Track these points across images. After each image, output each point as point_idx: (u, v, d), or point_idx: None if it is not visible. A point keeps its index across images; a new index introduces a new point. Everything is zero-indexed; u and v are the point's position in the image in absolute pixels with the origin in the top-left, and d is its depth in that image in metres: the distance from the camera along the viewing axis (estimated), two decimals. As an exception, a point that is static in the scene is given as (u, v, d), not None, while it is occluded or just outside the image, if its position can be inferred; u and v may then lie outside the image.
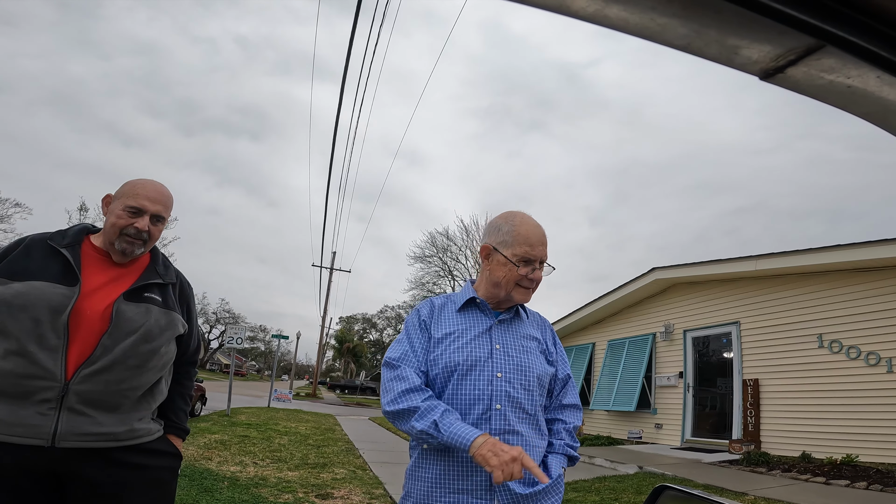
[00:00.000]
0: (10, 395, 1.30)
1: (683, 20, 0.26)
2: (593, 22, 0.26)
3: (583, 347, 12.88)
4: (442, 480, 1.31)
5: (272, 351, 60.85)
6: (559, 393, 1.52)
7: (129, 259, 1.54)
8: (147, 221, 1.51)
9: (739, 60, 0.29)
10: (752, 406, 7.84)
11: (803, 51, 0.27)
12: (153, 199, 1.52)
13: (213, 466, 5.31)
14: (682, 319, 9.85)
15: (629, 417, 10.60)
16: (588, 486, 5.77)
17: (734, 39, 0.28)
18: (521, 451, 1.20)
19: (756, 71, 0.30)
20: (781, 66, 0.29)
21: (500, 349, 1.41)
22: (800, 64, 0.28)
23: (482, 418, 1.33)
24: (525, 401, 1.38)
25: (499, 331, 1.45)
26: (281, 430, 9.14)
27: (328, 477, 5.48)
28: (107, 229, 1.50)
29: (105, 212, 1.53)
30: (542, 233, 1.49)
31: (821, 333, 7.13)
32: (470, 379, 1.36)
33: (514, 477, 1.17)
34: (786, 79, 0.30)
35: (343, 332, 52.69)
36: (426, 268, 38.59)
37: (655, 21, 0.26)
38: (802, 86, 0.30)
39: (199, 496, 4.05)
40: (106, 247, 1.51)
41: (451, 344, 1.41)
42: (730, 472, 6.56)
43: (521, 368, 1.40)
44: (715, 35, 0.27)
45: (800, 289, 7.58)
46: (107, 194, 1.55)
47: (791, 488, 5.49)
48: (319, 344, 33.79)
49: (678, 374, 9.68)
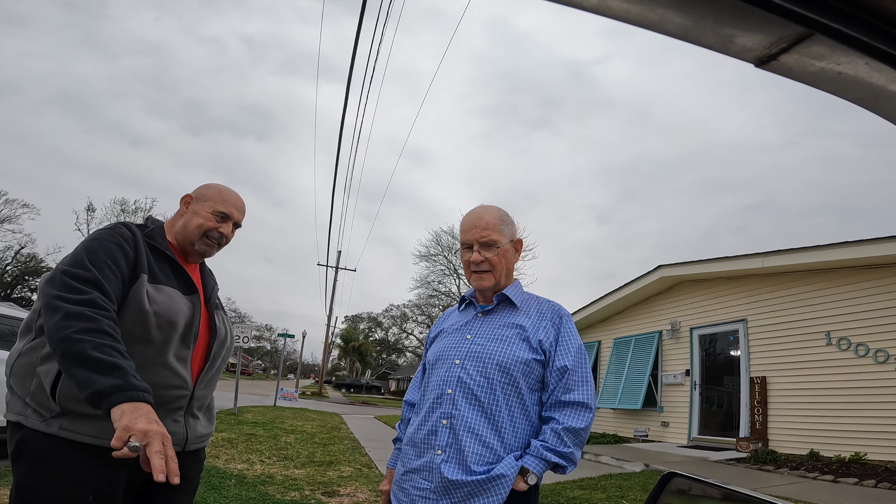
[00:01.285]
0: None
1: (680, 10, 0.27)
2: (596, 13, 0.28)
3: (588, 346, 12.85)
4: (404, 459, 1.48)
5: (278, 350, 61.16)
6: (556, 387, 1.41)
7: (199, 261, 1.60)
8: (231, 228, 1.58)
9: (735, 48, 0.30)
10: (760, 404, 7.80)
11: (794, 39, 0.28)
12: (240, 209, 1.60)
13: (221, 464, 5.35)
14: (689, 317, 9.82)
15: (635, 415, 10.58)
16: (594, 483, 5.77)
17: (728, 28, 0.29)
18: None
19: (751, 58, 0.31)
20: (774, 53, 0.30)
21: (469, 339, 1.47)
22: (791, 51, 0.29)
23: (437, 402, 1.42)
24: (479, 388, 1.38)
25: (477, 322, 1.51)
26: (287, 429, 9.19)
27: (334, 475, 5.52)
28: (190, 229, 1.51)
29: (183, 211, 1.55)
30: (475, 217, 1.52)
31: (829, 331, 7.08)
32: (436, 369, 1.48)
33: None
34: (779, 66, 0.31)
35: (348, 331, 52.85)
36: (432, 266, 38.63)
37: (655, 11, 0.27)
38: (796, 72, 0.31)
39: (206, 494, 4.08)
40: (182, 246, 1.52)
41: (437, 342, 1.57)
42: (737, 470, 6.54)
43: (480, 355, 1.41)
44: (711, 24, 0.28)
45: (808, 286, 7.54)
46: (186, 195, 1.57)
47: (799, 486, 5.47)
48: (325, 343, 33.92)
49: (685, 371, 9.65)
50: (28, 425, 1.20)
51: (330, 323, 32.37)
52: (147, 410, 1.07)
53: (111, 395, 1.06)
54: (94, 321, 1.13)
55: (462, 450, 1.35)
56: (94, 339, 1.11)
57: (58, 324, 1.12)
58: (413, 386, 1.67)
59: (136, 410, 1.05)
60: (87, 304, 1.16)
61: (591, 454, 8.00)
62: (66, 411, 1.20)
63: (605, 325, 12.38)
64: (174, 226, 1.54)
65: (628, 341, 11.30)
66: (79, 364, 1.08)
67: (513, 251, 1.54)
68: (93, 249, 1.28)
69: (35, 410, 1.21)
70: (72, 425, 1.20)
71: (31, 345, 1.27)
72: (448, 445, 1.36)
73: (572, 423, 1.36)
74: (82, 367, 1.08)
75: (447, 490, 1.33)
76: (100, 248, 1.29)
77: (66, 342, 1.09)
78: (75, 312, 1.13)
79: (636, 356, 10.85)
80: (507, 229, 1.52)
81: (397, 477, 1.49)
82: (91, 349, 1.09)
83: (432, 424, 1.40)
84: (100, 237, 1.33)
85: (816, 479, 5.79)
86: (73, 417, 1.20)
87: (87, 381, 1.07)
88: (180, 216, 1.55)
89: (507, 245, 1.51)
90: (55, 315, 1.13)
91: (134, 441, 1.00)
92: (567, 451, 1.34)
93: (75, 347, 1.09)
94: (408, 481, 1.42)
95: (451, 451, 1.36)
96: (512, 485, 1.31)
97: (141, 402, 1.08)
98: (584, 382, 1.41)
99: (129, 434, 1.01)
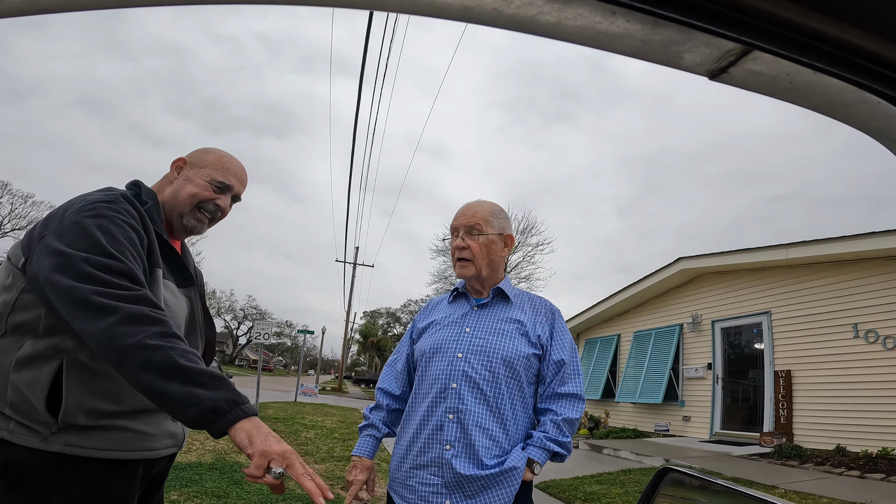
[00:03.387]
0: (154, 409, 1.14)
1: (629, 33, 0.29)
2: (555, 37, 0.30)
3: (608, 339, 12.75)
4: (405, 455, 1.46)
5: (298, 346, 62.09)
6: (552, 379, 1.46)
7: (185, 238, 1.36)
8: (229, 201, 1.34)
9: (686, 64, 0.32)
10: (785, 398, 7.66)
11: (738, 53, 0.30)
12: (241, 180, 1.35)
13: (243, 459, 5.48)
14: (711, 310, 9.66)
15: (656, 410, 10.48)
16: (612, 478, 5.75)
17: (676, 46, 0.30)
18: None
19: (703, 72, 0.32)
20: (724, 66, 0.31)
21: (469, 332, 1.48)
22: (739, 64, 0.31)
23: (439, 397, 1.42)
24: (485, 382, 1.40)
25: (474, 316, 1.52)
26: (308, 424, 9.34)
27: (354, 469, 5.59)
28: (182, 198, 1.25)
29: (173, 177, 1.29)
30: (467, 207, 1.57)
31: (856, 323, 6.91)
32: (434, 362, 1.47)
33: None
34: (731, 78, 0.32)
35: (367, 326, 53.31)
36: (448, 261, 38.61)
37: (605, 34, 0.29)
38: (749, 84, 0.33)
39: (229, 489, 4.19)
40: (168, 218, 1.27)
41: (429, 332, 1.55)
42: (760, 465, 6.44)
43: (485, 349, 1.43)
44: (658, 44, 0.30)
45: (834, 277, 7.35)
46: (179, 158, 1.31)
47: (824, 482, 5.37)
48: (344, 339, 34.30)
49: (706, 365, 9.52)
50: (20, 443, 0.99)
51: (349, 319, 32.71)
52: (267, 428, 0.92)
53: (229, 410, 0.90)
54: (162, 324, 0.94)
55: (471, 444, 1.37)
56: (175, 345, 0.93)
57: (117, 329, 0.90)
58: (390, 375, 1.62)
59: (260, 429, 0.91)
60: (142, 301, 0.96)
61: (609, 449, 7.96)
62: (67, 426, 1.01)
63: (625, 318, 12.26)
64: (161, 193, 1.27)
65: (648, 335, 11.17)
66: (171, 377, 0.89)
67: (500, 244, 1.54)
68: (108, 231, 1.03)
69: (23, 425, 0.99)
70: (79, 440, 1.02)
71: (1, 345, 1.03)
72: (457, 440, 1.38)
73: (569, 413, 1.43)
74: (176, 381, 0.89)
75: (460, 484, 1.35)
76: (116, 231, 1.04)
77: (144, 351, 0.89)
78: (136, 314, 0.92)
79: (656, 350, 10.73)
80: (496, 222, 1.53)
81: (399, 474, 1.47)
82: (179, 358, 0.91)
83: (438, 419, 1.41)
84: (106, 215, 1.05)
85: (842, 475, 5.67)
86: (77, 431, 1.02)
87: (190, 398, 0.88)
88: (168, 182, 1.29)
89: (494, 236, 1.51)
90: (108, 317, 0.90)
91: (276, 467, 0.88)
92: (566, 440, 1.42)
93: (158, 357, 0.89)
94: (413, 477, 1.42)
95: (461, 445, 1.37)
96: (522, 476, 1.36)
97: (255, 416, 0.93)
98: (577, 375, 1.48)
99: (269, 459, 0.88)
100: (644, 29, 0.29)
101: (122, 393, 1.07)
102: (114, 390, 1.06)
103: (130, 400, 1.08)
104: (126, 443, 1.08)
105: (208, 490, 4.01)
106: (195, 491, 3.93)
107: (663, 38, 0.30)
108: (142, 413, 1.11)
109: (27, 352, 1.01)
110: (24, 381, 1.00)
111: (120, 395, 1.07)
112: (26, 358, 1.01)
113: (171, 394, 0.89)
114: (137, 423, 1.10)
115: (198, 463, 4.89)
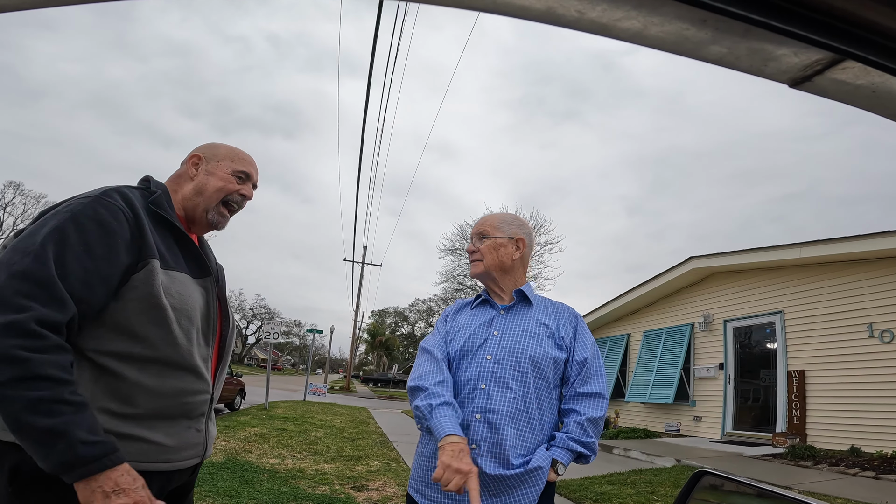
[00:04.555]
0: (174, 415, 1.11)
1: (715, 40, 0.28)
2: (634, 42, 0.29)
3: (617, 339, 12.69)
4: (433, 458, 1.39)
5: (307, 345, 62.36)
6: (575, 379, 1.48)
7: (205, 233, 1.34)
8: (252, 190, 1.34)
9: (769, 71, 0.31)
10: (798, 398, 7.58)
11: (828, 62, 0.29)
12: (256, 168, 1.36)
13: (254, 459, 5.51)
14: (722, 309, 9.59)
15: (666, 410, 10.41)
16: (623, 479, 5.72)
17: (763, 55, 0.30)
18: (472, 471, 1.20)
19: (785, 80, 0.32)
20: (809, 75, 0.31)
21: (497, 335, 1.50)
22: (826, 73, 0.30)
23: (468, 397, 1.44)
24: (514, 382, 1.42)
25: (501, 320, 1.55)
26: (317, 424, 9.38)
27: (363, 469, 5.62)
28: (208, 193, 1.25)
29: (193, 173, 1.27)
30: (482, 217, 1.68)
31: (871, 323, 6.82)
32: (464, 364, 1.49)
33: (447, 486, 1.19)
34: (813, 86, 0.32)
35: (375, 325, 53.44)
36: (457, 260, 38.58)
37: (690, 41, 0.28)
38: (830, 93, 0.32)
39: (240, 488, 4.21)
40: (190, 214, 1.26)
41: (457, 336, 1.56)
42: (773, 465, 6.38)
43: (514, 351, 1.45)
44: (745, 52, 0.30)
45: (848, 276, 7.27)
46: (194, 154, 1.30)
47: (839, 483, 5.31)
48: (352, 338, 34.39)
49: (718, 365, 9.45)
50: None
51: (357, 318, 32.80)
52: (110, 485, 0.89)
53: (72, 470, 0.88)
54: (24, 364, 0.87)
55: (497, 443, 1.38)
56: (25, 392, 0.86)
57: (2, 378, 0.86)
58: (437, 344, 1.54)
59: (95, 493, 0.89)
60: (15, 334, 0.87)
61: (620, 449, 7.92)
62: None
63: (635, 317, 12.19)
64: (180, 190, 1.25)
65: (659, 334, 11.10)
66: (15, 430, 0.88)
67: (511, 247, 1.60)
68: (69, 243, 0.97)
69: None
70: None
71: None
72: (483, 440, 1.39)
73: (592, 412, 1.44)
74: (19, 435, 0.88)
75: (485, 484, 1.35)
76: (90, 237, 0.99)
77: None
78: (19, 377, 0.86)
79: (667, 349, 10.66)
80: (506, 227, 1.62)
81: (427, 474, 1.45)
82: (21, 412, 0.86)
83: (465, 419, 1.42)
84: (78, 221, 1.00)
85: (857, 476, 5.60)
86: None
87: (36, 454, 0.88)
88: (189, 179, 1.27)
89: (503, 239, 1.59)
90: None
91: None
92: (590, 440, 1.42)
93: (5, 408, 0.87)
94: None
95: (486, 445, 1.38)
96: (547, 476, 1.37)
97: (99, 473, 0.89)
98: (600, 374, 1.50)
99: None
100: (733, 36, 0.28)
101: (134, 395, 1.03)
102: (124, 392, 1.02)
103: (144, 402, 1.04)
104: (141, 454, 1.03)
105: (220, 490, 4.03)
106: (207, 490, 3.96)
107: (752, 45, 0.29)
108: (160, 422, 1.07)
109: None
110: None
111: (131, 397, 1.03)
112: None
113: (23, 443, 0.88)
114: (155, 434, 1.06)
115: (209, 462, 4.92)
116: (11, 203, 34.52)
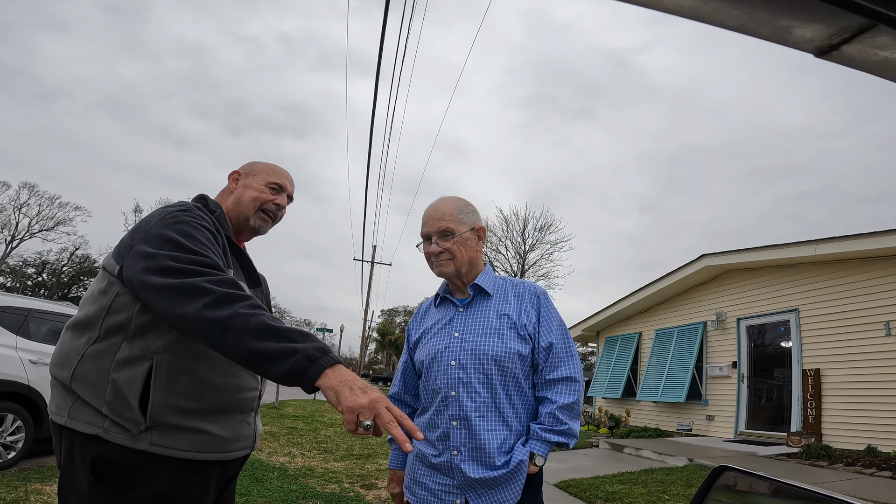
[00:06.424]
0: (230, 410, 1.22)
1: (736, 3, 0.27)
2: (649, 6, 0.28)
3: (628, 337, 12.60)
4: (419, 457, 1.50)
5: (318, 343, 62.25)
6: (544, 366, 1.46)
7: (250, 239, 1.51)
8: (286, 200, 1.50)
9: (793, 39, 0.29)
10: (813, 397, 7.47)
11: (857, 29, 0.27)
12: (291, 181, 1.53)
13: (264, 457, 5.55)
14: (735, 307, 9.47)
15: (678, 409, 10.31)
16: (634, 478, 5.68)
17: (786, 20, 0.28)
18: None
19: (811, 49, 0.30)
20: (836, 43, 0.29)
21: (458, 337, 1.47)
22: (854, 41, 0.28)
23: (443, 405, 1.45)
24: (481, 386, 1.41)
25: (460, 318, 1.51)
26: (326, 422, 9.43)
27: (372, 468, 5.63)
28: (245, 203, 1.42)
29: (233, 188, 1.45)
30: (433, 210, 1.55)
31: (888, 321, 6.69)
32: (432, 372, 1.48)
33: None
34: (840, 55, 0.30)
35: (385, 324, 53.59)
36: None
37: (709, 4, 0.27)
38: (858, 62, 0.30)
39: (250, 486, 4.24)
40: (235, 224, 1.43)
41: (423, 342, 1.57)
42: (787, 465, 6.29)
43: (475, 353, 1.43)
44: (767, 17, 0.28)
45: (864, 274, 7.13)
46: (234, 171, 1.49)
47: (855, 482, 5.22)
48: (362, 337, 34.52)
49: (731, 363, 9.33)
50: (112, 440, 1.08)
51: (367, 317, 32.91)
52: (353, 378, 0.96)
53: (320, 358, 0.96)
54: (250, 298, 1.03)
55: (477, 447, 1.41)
56: (264, 312, 1.01)
57: (212, 307, 0.98)
58: (398, 381, 1.68)
59: (345, 384, 0.94)
60: (229, 284, 1.04)
61: (631, 448, 7.86)
62: (155, 424, 1.09)
63: (647, 315, 12.08)
64: (224, 203, 1.43)
65: (671, 332, 11.00)
66: (267, 337, 0.96)
67: (475, 239, 1.55)
68: (188, 234, 1.14)
69: (116, 423, 1.08)
70: (163, 440, 1.10)
71: (99, 347, 1.13)
72: (463, 445, 1.42)
73: (564, 399, 1.42)
74: (272, 340, 0.96)
75: (471, 485, 1.40)
76: (195, 233, 1.16)
77: (240, 319, 0.97)
78: (227, 293, 1.01)
79: (679, 348, 10.55)
80: (465, 218, 1.54)
81: (416, 474, 1.51)
82: (271, 321, 0.99)
83: (444, 428, 1.45)
84: (185, 221, 1.18)
85: (874, 476, 5.51)
86: (163, 430, 1.10)
87: (285, 350, 0.95)
88: (229, 192, 1.45)
89: (467, 233, 1.52)
90: (203, 298, 0.99)
91: (365, 420, 0.91)
92: (564, 427, 1.42)
93: (253, 322, 0.97)
94: (427, 476, 1.48)
95: (467, 449, 1.42)
96: (527, 470, 1.40)
97: (340, 363, 0.98)
98: (570, 357, 1.47)
99: (356, 414, 0.91)
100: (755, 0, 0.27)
101: (203, 392, 1.16)
102: (195, 389, 1.15)
103: (210, 398, 1.17)
104: (204, 445, 1.15)
105: (232, 486, 4.06)
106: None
107: (775, 10, 0.27)
108: (219, 416, 1.19)
109: (125, 353, 1.11)
110: (123, 381, 1.09)
111: (201, 394, 1.16)
112: (125, 359, 1.11)
113: (269, 351, 0.95)
114: (215, 427, 1.18)
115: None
116: (27, 204, 35.05)
